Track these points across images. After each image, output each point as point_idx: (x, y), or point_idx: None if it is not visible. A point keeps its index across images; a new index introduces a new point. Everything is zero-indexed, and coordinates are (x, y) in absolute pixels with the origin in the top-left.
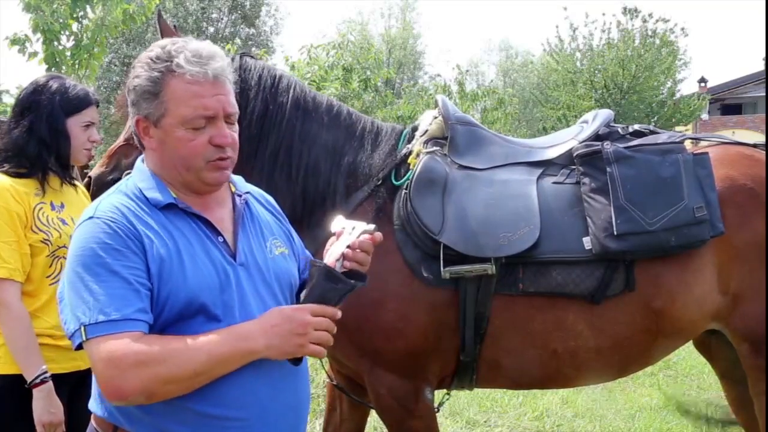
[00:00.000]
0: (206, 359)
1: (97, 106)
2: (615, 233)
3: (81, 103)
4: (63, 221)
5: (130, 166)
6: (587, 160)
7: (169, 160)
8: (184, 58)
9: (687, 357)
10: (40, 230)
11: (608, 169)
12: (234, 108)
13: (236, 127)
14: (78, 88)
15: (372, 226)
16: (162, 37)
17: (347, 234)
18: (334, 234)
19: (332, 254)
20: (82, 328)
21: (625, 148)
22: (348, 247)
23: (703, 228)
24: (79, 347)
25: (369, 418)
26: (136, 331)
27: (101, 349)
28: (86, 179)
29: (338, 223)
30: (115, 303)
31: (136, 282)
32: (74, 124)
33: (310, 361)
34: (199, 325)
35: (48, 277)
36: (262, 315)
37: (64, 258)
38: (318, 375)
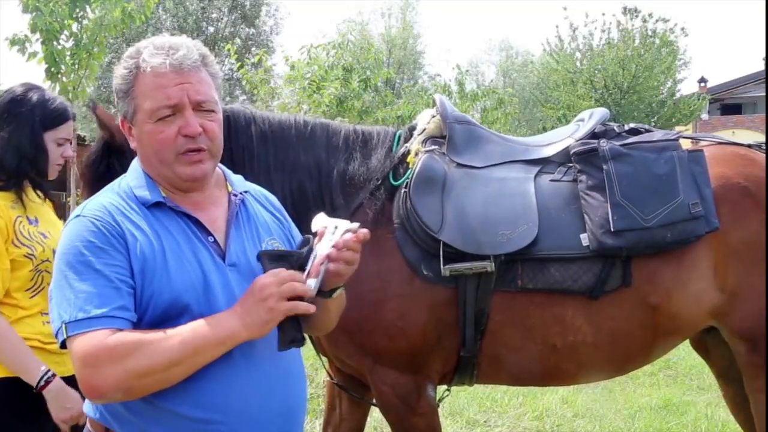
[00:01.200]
0: (181, 348)
1: (74, 120)
2: (612, 230)
3: (60, 118)
4: (44, 235)
5: None
6: (584, 158)
7: (147, 156)
8: (148, 52)
9: (687, 357)
10: (23, 244)
11: (605, 167)
12: (205, 96)
13: (215, 115)
14: (57, 101)
15: (356, 225)
16: (99, 126)
17: (330, 234)
18: (315, 233)
19: (316, 257)
20: (64, 326)
21: (621, 145)
22: (333, 246)
23: (698, 224)
24: (64, 345)
25: (369, 418)
26: (113, 327)
27: (78, 346)
28: None
29: (319, 221)
30: (95, 300)
31: (117, 280)
32: (49, 140)
33: (309, 360)
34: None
35: (28, 290)
36: None
37: (48, 272)
38: (318, 375)
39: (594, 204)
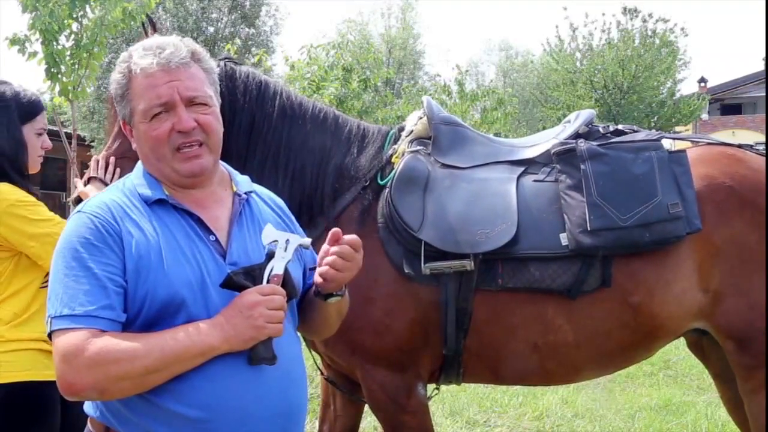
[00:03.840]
0: (159, 356)
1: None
2: (589, 229)
3: (35, 109)
4: None
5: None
6: (563, 158)
7: (145, 155)
8: (138, 54)
9: (687, 357)
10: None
11: (582, 167)
12: (196, 91)
13: (209, 109)
14: (29, 93)
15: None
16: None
17: (281, 250)
18: (265, 246)
19: (272, 272)
20: (50, 320)
21: (599, 145)
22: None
23: (678, 224)
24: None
25: (370, 418)
26: (96, 327)
27: (60, 342)
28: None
29: (269, 234)
30: (80, 298)
31: (105, 278)
32: (29, 132)
33: (309, 361)
34: (182, 324)
35: (43, 286)
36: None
37: None
38: (318, 375)
39: (572, 204)
